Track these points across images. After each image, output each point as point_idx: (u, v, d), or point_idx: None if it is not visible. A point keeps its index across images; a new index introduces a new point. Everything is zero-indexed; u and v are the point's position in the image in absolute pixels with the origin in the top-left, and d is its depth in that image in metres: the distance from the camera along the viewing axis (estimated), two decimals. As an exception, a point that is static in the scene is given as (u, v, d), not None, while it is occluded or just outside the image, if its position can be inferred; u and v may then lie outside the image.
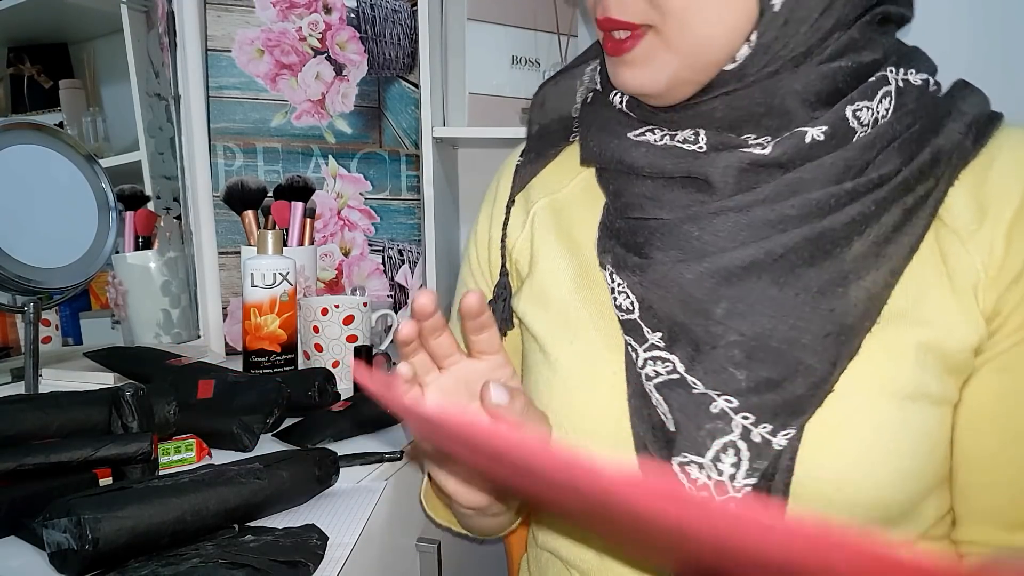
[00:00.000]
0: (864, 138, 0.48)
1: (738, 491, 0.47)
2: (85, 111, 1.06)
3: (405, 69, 1.15)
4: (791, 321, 0.47)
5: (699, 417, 0.47)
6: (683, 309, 0.49)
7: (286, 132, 1.10)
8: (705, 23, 0.47)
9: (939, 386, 0.47)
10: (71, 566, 0.45)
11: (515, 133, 1.19)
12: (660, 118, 0.53)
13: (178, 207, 1.08)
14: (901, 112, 0.49)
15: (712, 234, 0.49)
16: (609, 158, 0.55)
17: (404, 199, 1.17)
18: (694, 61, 0.49)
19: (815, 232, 0.47)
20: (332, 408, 0.77)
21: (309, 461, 0.59)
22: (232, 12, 1.06)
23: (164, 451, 0.63)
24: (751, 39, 0.48)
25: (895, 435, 0.46)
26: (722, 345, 0.47)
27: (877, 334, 0.47)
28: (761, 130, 0.49)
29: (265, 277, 0.84)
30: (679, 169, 0.50)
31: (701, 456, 0.47)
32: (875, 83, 0.49)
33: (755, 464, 0.46)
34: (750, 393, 0.47)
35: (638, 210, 0.53)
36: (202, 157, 1.07)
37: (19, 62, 0.99)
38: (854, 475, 0.46)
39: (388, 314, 1.02)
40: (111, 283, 1.04)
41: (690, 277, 0.49)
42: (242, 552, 0.47)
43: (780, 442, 0.46)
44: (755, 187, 0.48)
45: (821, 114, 0.48)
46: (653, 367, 0.50)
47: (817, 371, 0.46)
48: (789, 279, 0.47)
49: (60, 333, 1.02)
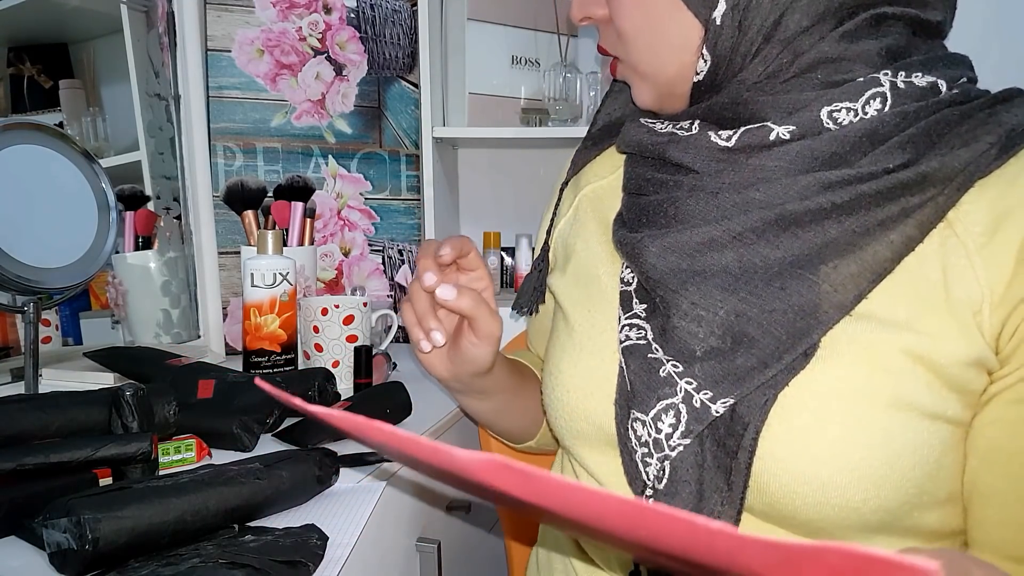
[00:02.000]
0: (837, 132, 0.48)
1: (672, 449, 0.49)
2: (85, 111, 1.06)
3: (405, 69, 1.15)
4: (742, 295, 0.48)
5: (648, 379, 0.51)
6: (647, 281, 0.53)
7: (286, 132, 1.10)
8: (655, 47, 0.53)
9: (934, 399, 0.46)
10: (71, 566, 0.45)
11: (515, 133, 1.19)
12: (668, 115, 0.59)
13: (178, 207, 1.08)
14: (896, 113, 0.48)
15: (685, 213, 0.52)
16: (623, 141, 0.60)
17: (404, 199, 1.17)
18: (658, 80, 0.55)
19: (774, 214, 0.48)
20: (332, 408, 0.77)
21: (309, 461, 0.59)
22: (232, 12, 1.06)
23: (164, 451, 0.63)
24: (704, 54, 0.51)
25: (873, 441, 0.45)
26: (680, 316, 0.50)
27: (858, 335, 0.47)
28: (733, 127, 0.52)
29: (265, 277, 0.84)
30: (656, 150, 0.55)
31: (645, 414, 0.51)
32: (861, 84, 0.48)
33: (691, 426, 0.49)
34: (696, 361, 0.49)
35: (637, 188, 0.58)
36: (202, 157, 1.07)
37: (19, 62, 0.99)
38: (823, 473, 0.46)
39: (388, 314, 1.02)
40: (111, 283, 1.04)
41: (654, 250, 0.52)
42: (242, 552, 0.47)
43: (718, 409, 0.48)
44: (724, 171, 0.51)
45: (793, 115, 0.49)
46: (627, 333, 0.55)
47: (759, 344, 0.47)
48: (749, 256, 0.49)
49: (60, 333, 1.02)
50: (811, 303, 0.47)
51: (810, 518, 0.47)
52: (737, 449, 0.47)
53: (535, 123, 1.23)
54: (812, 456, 0.46)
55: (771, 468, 0.47)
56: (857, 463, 0.45)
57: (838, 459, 0.46)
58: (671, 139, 0.54)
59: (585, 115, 1.26)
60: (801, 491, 0.46)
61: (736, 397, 0.48)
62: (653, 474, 0.50)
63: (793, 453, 0.47)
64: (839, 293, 0.47)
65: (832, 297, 0.47)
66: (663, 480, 0.50)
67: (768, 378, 0.47)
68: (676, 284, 0.51)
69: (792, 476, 0.46)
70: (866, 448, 0.45)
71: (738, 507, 0.48)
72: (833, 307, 0.47)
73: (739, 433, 0.48)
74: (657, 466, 0.50)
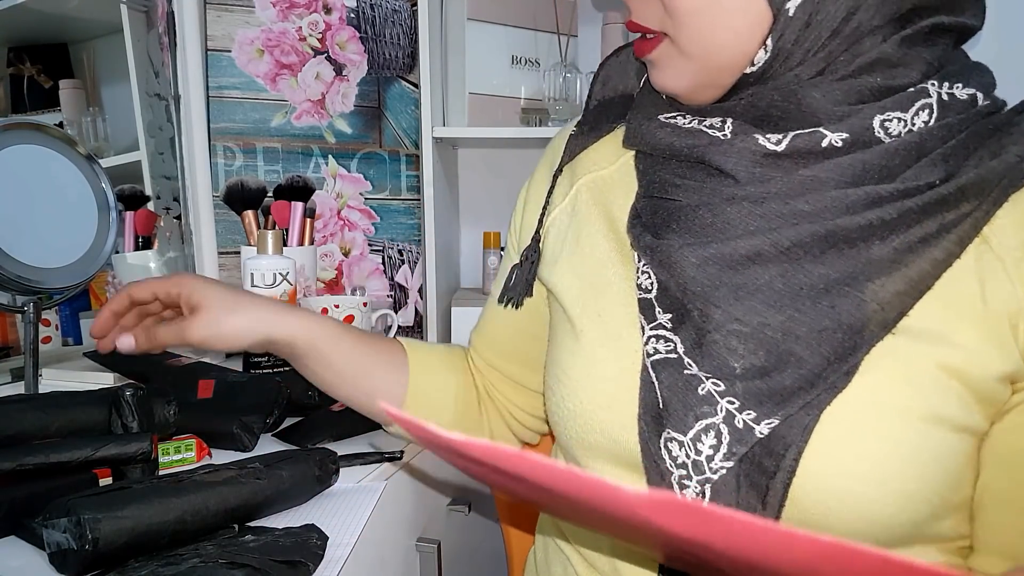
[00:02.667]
0: (888, 145, 0.47)
1: (714, 472, 0.47)
2: (85, 111, 1.06)
3: (405, 69, 1.15)
4: (789, 312, 0.47)
5: (686, 397, 0.49)
6: (684, 292, 0.50)
7: (286, 132, 1.10)
8: (715, 30, 0.49)
9: (963, 413, 0.46)
10: (71, 566, 0.45)
11: (515, 133, 1.19)
12: (690, 108, 0.55)
13: (178, 207, 1.08)
14: (941, 125, 0.47)
15: (724, 221, 0.50)
16: (640, 140, 0.56)
17: (404, 199, 1.17)
18: (708, 66, 0.50)
19: (825, 229, 0.46)
20: (332, 408, 0.77)
21: (309, 461, 0.59)
22: (232, 12, 1.06)
23: (164, 451, 0.63)
24: (767, 44, 0.48)
25: (905, 456, 0.45)
26: (720, 331, 0.48)
27: (896, 350, 0.46)
28: (781, 128, 0.49)
29: (265, 277, 0.84)
30: (694, 154, 0.51)
31: (683, 435, 0.48)
32: (913, 94, 0.48)
33: (734, 448, 0.47)
34: (738, 379, 0.47)
35: (660, 191, 0.54)
36: (202, 157, 1.07)
37: (19, 62, 0.99)
38: (857, 488, 0.45)
39: (388, 314, 1.02)
40: (111, 283, 1.04)
41: (694, 260, 0.50)
42: (242, 552, 0.47)
43: (762, 430, 0.46)
44: (771, 179, 0.49)
45: (846, 120, 0.47)
46: (655, 345, 0.52)
47: (807, 364, 0.46)
48: (794, 272, 0.47)
49: (60, 333, 1.02)
50: (859, 322, 0.46)
51: (841, 533, 0.46)
52: (776, 470, 0.46)
53: (535, 123, 1.23)
54: (848, 472, 0.45)
55: (805, 484, 0.46)
56: (891, 478, 0.45)
57: (874, 474, 0.45)
58: (711, 142, 0.51)
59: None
60: (835, 507, 0.46)
61: (780, 417, 0.46)
62: (691, 497, 0.48)
63: (829, 470, 0.46)
64: (885, 312, 0.46)
65: (878, 316, 0.46)
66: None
67: (812, 397, 0.46)
68: (718, 298, 0.49)
69: (827, 493, 0.46)
70: (900, 463, 0.45)
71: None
72: (878, 325, 0.46)
73: (779, 454, 0.46)
74: (697, 489, 0.48)
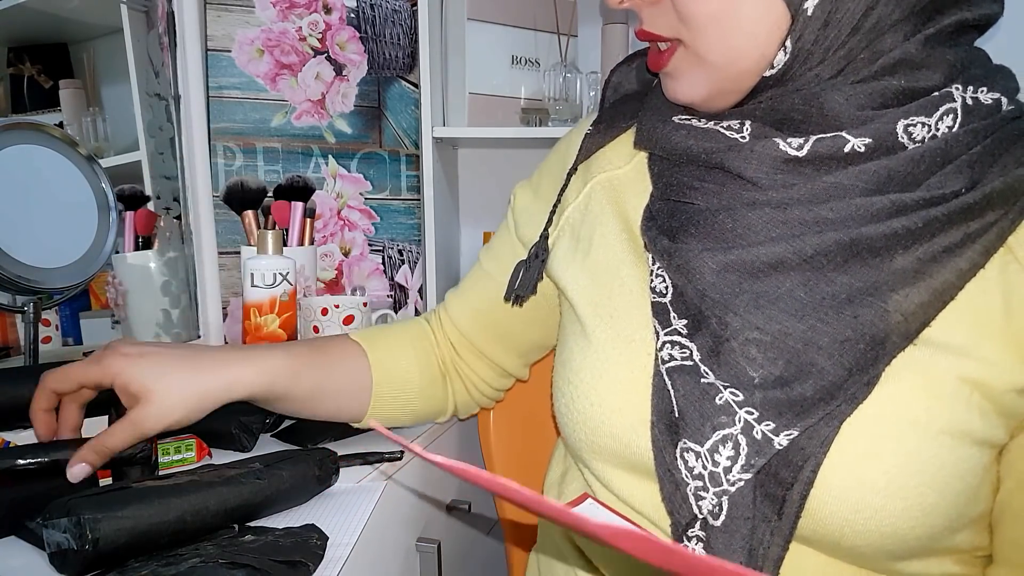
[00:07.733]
0: (913, 151, 0.46)
1: (732, 484, 0.46)
2: (85, 111, 1.06)
3: (405, 69, 1.15)
4: (811, 322, 0.46)
5: (702, 406, 0.47)
6: (702, 298, 0.49)
7: (286, 132, 1.10)
8: (732, 34, 0.47)
9: (984, 426, 0.45)
10: (71, 566, 0.45)
11: (515, 133, 1.19)
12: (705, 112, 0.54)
13: (178, 207, 1.08)
14: (966, 131, 0.46)
15: (745, 227, 0.49)
16: (654, 143, 0.55)
17: (404, 199, 1.17)
18: (728, 72, 0.49)
19: (849, 238, 0.45)
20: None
21: (309, 461, 0.59)
22: (232, 12, 1.06)
23: (164, 451, 0.63)
24: (787, 45, 0.47)
25: (925, 468, 0.44)
26: (738, 339, 0.47)
27: (917, 362, 0.46)
28: (802, 132, 0.48)
29: (265, 277, 0.84)
30: (712, 160, 0.50)
31: (700, 445, 0.47)
32: (937, 99, 0.47)
33: (752, 460, 0.46)
34: (758, 389, 0.46)
35: (677, 193, 0.53)
36: (202, 157, 1.07)
37: (19, 62, 0.99)
38: (875, 501, 0.45)
39: (388, 314, 1.02)
40: (111, 283, 1.04)
41: (713, 267, 0.49)
42: (242, 552, 0.47)
43: (781, 441, 0.45)
44: (793, 185, 0.48)
45: (868, 125, 0.46)
46: (670, 351, 0.50)
47: (828, 374, 0.45)
48: (817, 281, 0.46)
49: (60, 333, 1.02)
50: (882, 332, 0.45)
51: (855, 544, 0.46)
52: (793, 482, 0.45)
53: (535, 123, 1.23)
54: (867, 485, 0.45)
55: (822, 496, 0.45)
56: (911, 491, 0.44)
57: (892, 487, 0.44)
58: (730, 146, 0.49)
59: (585, 115, 1.26)
60: (852, 519, 0.45)
61: (800, 429, 0.45)
62: (707, 508, 0.47)
63: (848, 482, 0.45)
64: (908, 323, 0.45)
65: (901, 327, 0.45)
66: (720, 516, 0.47)
67: (832, 408, 0.45)
68: (737, 305, 0.48)
69: (845, 505, 0.45)
70: (919, 476, 0.44)
71: (787, 537, 0.46)
72: (900, 336, 0.45)
73: (797, 465, 0.45)
74: (713, 500, 0.47)
